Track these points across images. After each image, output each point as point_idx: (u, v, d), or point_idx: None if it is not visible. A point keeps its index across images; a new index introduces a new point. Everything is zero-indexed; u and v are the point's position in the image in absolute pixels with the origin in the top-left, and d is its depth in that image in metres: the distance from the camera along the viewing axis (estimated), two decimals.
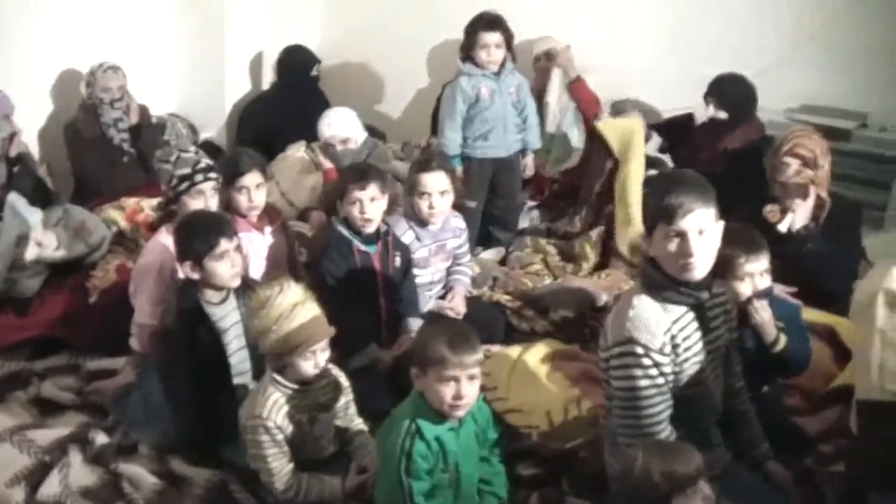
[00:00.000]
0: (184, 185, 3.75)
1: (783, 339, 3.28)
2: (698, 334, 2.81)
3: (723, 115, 5.02)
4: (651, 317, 2.73)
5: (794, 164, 4.08)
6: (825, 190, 4.20)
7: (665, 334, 2.72)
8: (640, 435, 2.75)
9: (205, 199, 3.77)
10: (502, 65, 5.05)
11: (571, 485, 3.32)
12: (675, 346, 2.75)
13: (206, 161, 3.84)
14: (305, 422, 3.07)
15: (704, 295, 2.81)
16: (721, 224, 2.75)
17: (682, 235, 2.65)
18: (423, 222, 4.13)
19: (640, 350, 2.70)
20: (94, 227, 5.03)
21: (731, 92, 5.01)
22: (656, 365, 2.71)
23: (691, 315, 2.79)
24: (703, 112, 5.14)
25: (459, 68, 5.09)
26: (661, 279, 2.75)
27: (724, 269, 2.95)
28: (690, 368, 2.79)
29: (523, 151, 5.29)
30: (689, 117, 5.34)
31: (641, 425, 2.76)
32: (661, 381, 2.73)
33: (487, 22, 4.99)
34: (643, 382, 2.72)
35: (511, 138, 5.15)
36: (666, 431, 2.78)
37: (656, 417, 2.76)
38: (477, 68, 5.01)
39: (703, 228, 2.67)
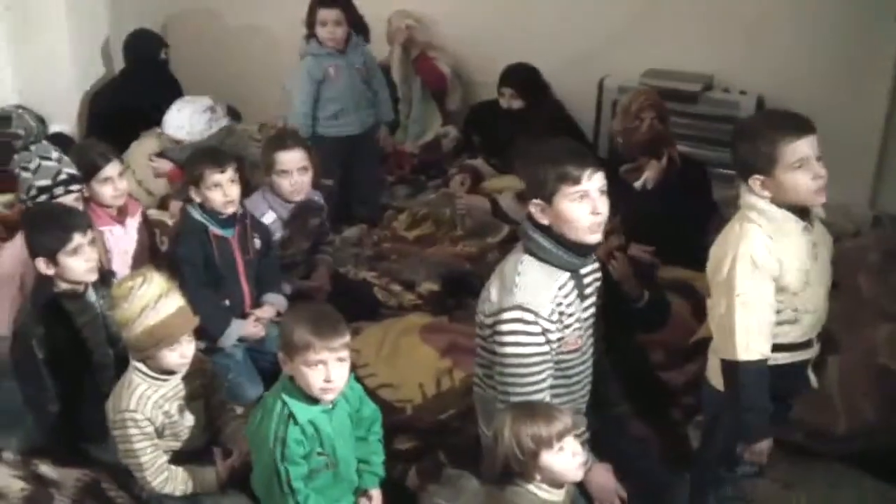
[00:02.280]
0: (43, 197, 3.64)
1: (646, 295, 3.39)
2: (577, 301, 2.85)
3: (518, 103, 5.28)
4: (539, 283, 2.76)
5: (647, 118, 4.21)
6: (674, 149, 4.35)
7: (552, 301, 2.75)
8: (524, 401, 2.77)
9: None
10: (347, 41, 5.03)
11: (448, 455, 3.37)
12: (560, 314, 2.78)
13: (67, 171, 3.70)
14: (175, 412, 3.03)
15: (587, 261, 2.88)
16: None
17: (586, 196, 2.70)
18: (284, 202, 4.10)
19: (529, 317, 2.71)
20: None
21: (522, 80, 5.24)
22: (544, 332, 2.73)
23: (572, 282, 2.83)
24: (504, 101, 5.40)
25: (304, 48, 5.06)
26: (552, 246, 2.77)
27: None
28: (570, 335, 2.83)
29: (377, 126, 5.28)
30: (493, 104, 5.49)
31: (525, 392, 2.77)
32: (546, 348, 2.75)
33: None
34: (531, 350, 2.74)
35: (363, 114, 5.17)
36: (546, 398, 2.81)
37: (540, 385, 2.78)
38: (321, 47, 4.99)
39: (602, 188, 2.74)
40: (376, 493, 3.00)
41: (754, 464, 2.89)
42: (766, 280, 2.66)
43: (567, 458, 2.57)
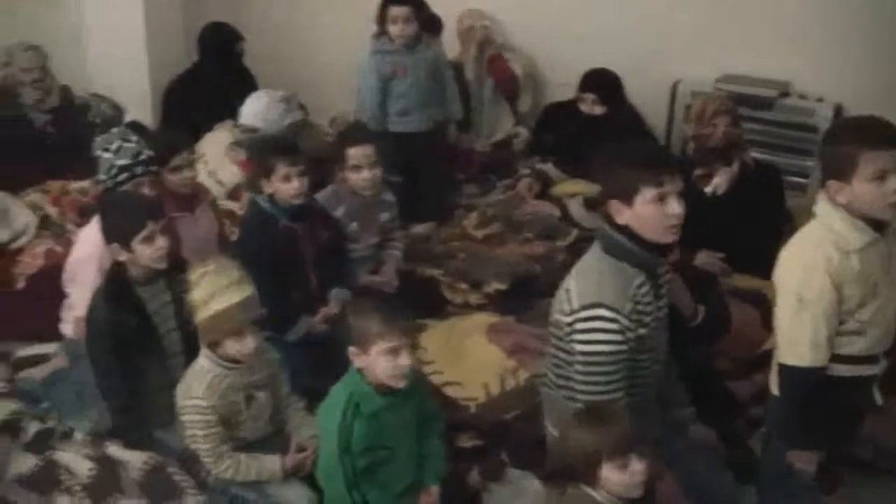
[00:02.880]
0: (123, 176, 3.69)
1: (701, 311, 3.35)
2: (654, 300, 2.85)
3: (600, 109, 5.27)
4: (618, 282, 2.76)
5: (721, 124, 4.16)
6: (748, 155, 4.29)
7: (631, 299, 2.75)
8: (599, 400, 2.76)
9: (143, 190, 3.70)
10: (416, 38, 5.04)
11: (510, 455, 3.36)
12: (638, 312, 2.78)
13: (147, 152, 3.76)
14: (241, 401, 3.06)
15: (664, 261, 2.89)
16: None
17: (667, 197, 2.70)
18: (354, 196, 4.11)
19: (609, 314, 2.71)
20: (17, 212, 4.96)
21: (606, 86, 5.19)
22: (622, 330, 2.72)
23: (649, 282, 2.82)
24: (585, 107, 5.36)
25: (374, 45, 5.08)
26: (631, 245, 2.77)
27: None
28: (644, 335, 2.82)
29: (446, 123, 5.28)
30: (568, 106, 5.48)
31: (599, 391, 2.77)
32: (623, 347, 2.74)
33: None
34: (609, 347, 2.73)
35: (432, 111, 5.17)
36: (622, 399, 2.79)
37: (615, 385, 2.78)
38: (391, 43, 5.01)
39: (680, 191, 2.74)
40: (436, 490, 3.02)
41: (811, 476, 2.87)
42: (830, 289, 2.63)
43: (628, 475, 2.54)
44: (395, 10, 4.98)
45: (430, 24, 5.24)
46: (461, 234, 5.05)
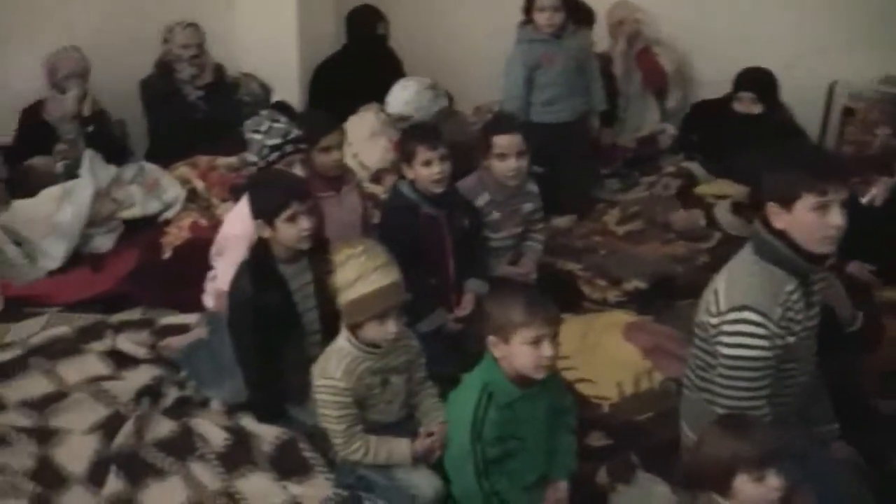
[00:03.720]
0: (274, 156, 3.76)
1: (860, 317, 3.23)
2: (804, 308, 2.77)
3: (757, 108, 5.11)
4: (770, 286, 2.70)
5: (882, 133, 4.02)
6: None
7: (781, 305, 2.69)
8: (740, 407, 2.71)
9: (294, 169, 3.76)
10: (563, 27, 4.98)
11: (641, 458, 3.29)
12: (788, 319, 2.71)
13: (296, 132, 3.83)
14: (377, 385, 3.08)
15: (818, 269, 2.80)
16: None
17: (829, 206, 2.62)
18: (498, 185, 4.09)
19: (757, 318, 2.66)
20: (167, 184, 5.11)
21: (765, 85, 5.03)
22: (770, 336, 2.66)
23: (801, 289, 2.75)
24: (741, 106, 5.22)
25: (520, 33, 5.04)
26: (786, 250, 2.70)
27: None
28: (792, 344, 2.75)
29: (589, 114, 5.22)
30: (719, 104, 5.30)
31: (742, 397, 2.71)
32: (770, 353, 2.68)
33: None
34: (754, 353, 2.67)
35: (576, 102, 5.12)
36: (764, 407, 2.74)
37: (760, 391, 2.72)
38: (538, 32, 4.96)
39: (844, 202, 2.65)
40: (563, 486, 2.99)
41: None
42: None
43: (763, 490, 2.45)
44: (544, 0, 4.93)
45: (583, 16, 5.16)
46: (602, 230, 5.00)
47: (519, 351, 2.75)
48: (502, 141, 4.01)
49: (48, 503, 3.05)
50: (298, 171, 3.73)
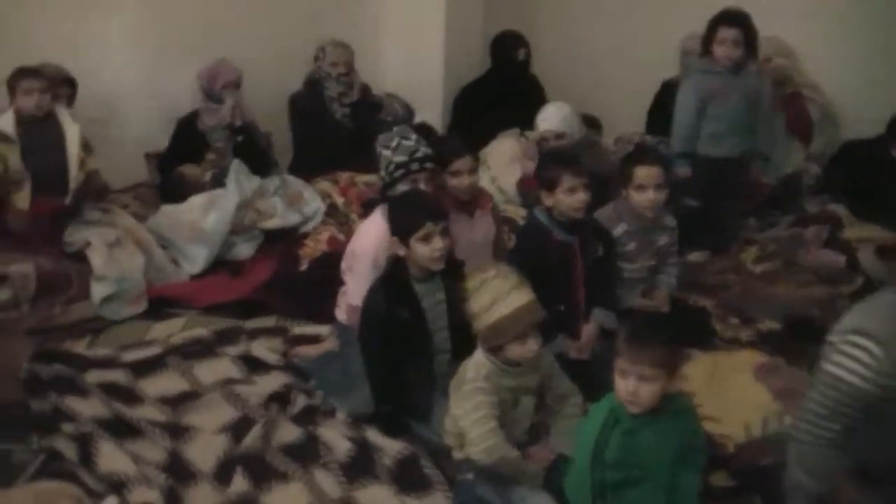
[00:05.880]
0: (399, 173, 3.81)
1: None
2: None
3: None
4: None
5: None
6: None
7: None
8: (800, 428, 2.62)
9: (420, 186, 3.81)
10: (741, 63, 4.90)
11: (765, 502, 3.20)
12: None
13: (424, 150, 3.86)
14: (509, 402, 3.08)
15: None
16: None
17: None
18: (635, 216, 4.07)
19: (873, 346, 2.48)
20: (309, 198, 5.24)
21: None
22: (877, 371, 2.49)
23: None
24: None
25: (696, 63, 4.97)
26: None
27: None
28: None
29: (751, 155, 5.12)
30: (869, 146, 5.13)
31: (814, 422, 2.59)
32: (867, 387, 2.50)
33: (729, 16, 4.86)
34: (853, 379, 2.51)
35: (742, 139, 5.00)
36: (821, 439, 2.60)
37: (832, 425, 2.58)
38: (714, 64, 4.89)
39: None
40: None
41: None
42: None
43: None
44: (725, 32, 4.86)
45: (754, 49, 5.05)
46: (737, 267, 4.90)
47: (616, 379, 2.72)
48: (642, 172, 3.99)
49: (177, 496, 3.15)
50: (423, 188, 3.77)
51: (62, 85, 4.88)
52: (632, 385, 2.68)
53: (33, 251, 4.42)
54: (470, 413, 3.02)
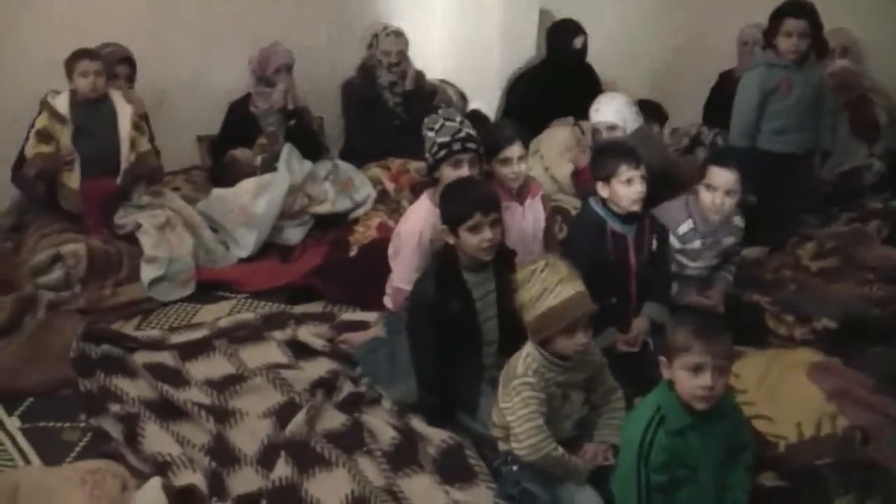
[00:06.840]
0: (442, 153, 3.75)
1: None
2: None
3: None
4: None
5: None
6: None
7: None
8: None
9: (462, 168, 3.75)
10: (806, 56, 4.79)
11: None
12: None
13: (467, 131, 3.79)
14: (558, 397, 3.04)
15: None
16: None
17: None
18: (703, 215, 4.02)
19: None
20: (360, 184, 5.24)
21: None
22: None
23: None
24: None
25: (759, 56, 4.87)
26: None
27: None
28: None
29: (813, 152, 5.02)
30: None
31: None
32: None
33: (796, 8, 4.71)
34: None
35: (804, 135, 4.88)
36: None
37: None
38: (778, 57, 4.77)
39: None
40: None
41: None
42: None
43: None
44: (791, 24, 4.71)
45: (823, 48, 4.91)
46: (794, 264, 4.80)
47: (679, 376, 2.68)
48: (717, 172, 3.95)
49: (221, 479, 3.16)
50: (465, 171, 3.70)
51: (120, 63, 4.89)
52: (710, 379, 2.63)
53: (85, 232, 4.47)
54: (517, 408, 2.97)
